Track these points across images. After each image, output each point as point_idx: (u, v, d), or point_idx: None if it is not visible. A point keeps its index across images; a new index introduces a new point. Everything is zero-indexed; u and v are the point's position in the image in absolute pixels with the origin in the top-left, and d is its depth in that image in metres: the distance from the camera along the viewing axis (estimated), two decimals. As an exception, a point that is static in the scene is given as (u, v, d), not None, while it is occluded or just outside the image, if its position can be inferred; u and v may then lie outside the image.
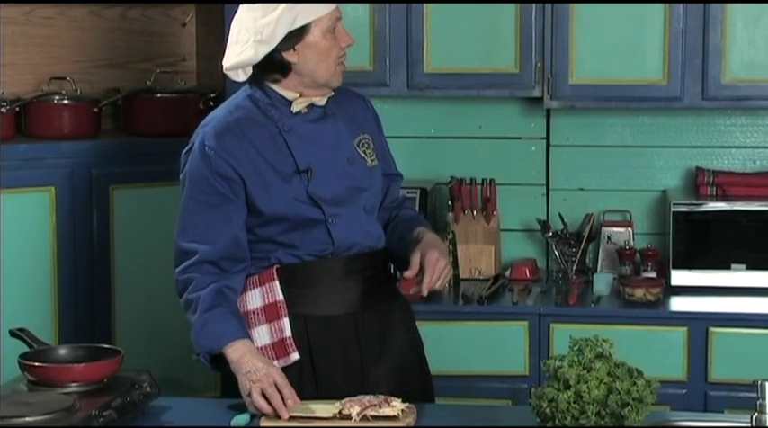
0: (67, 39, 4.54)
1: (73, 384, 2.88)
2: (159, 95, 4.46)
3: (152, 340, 4.30)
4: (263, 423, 2.85)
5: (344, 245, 3.17)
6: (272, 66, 3.15)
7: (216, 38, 4.50)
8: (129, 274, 4.26)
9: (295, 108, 3.18)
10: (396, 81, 4.51)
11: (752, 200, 4.42)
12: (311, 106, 3.20)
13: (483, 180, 4.70)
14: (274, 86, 3.19)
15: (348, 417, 2.83)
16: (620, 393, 2.56)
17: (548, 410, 2.60)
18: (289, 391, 2.93)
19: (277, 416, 2.89)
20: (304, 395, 2.99)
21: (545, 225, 4.64)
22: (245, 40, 3.14)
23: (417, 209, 4.40)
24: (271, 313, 3.15)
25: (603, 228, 4.68)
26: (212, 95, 4.48)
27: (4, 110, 4.18)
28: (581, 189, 4.77)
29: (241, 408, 2.99)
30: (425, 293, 3.10)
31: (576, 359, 2.64)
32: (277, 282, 3.17)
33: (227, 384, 4.41)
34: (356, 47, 4.64)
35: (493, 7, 4.42)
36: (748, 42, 4.35)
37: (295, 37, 3.11)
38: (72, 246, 4.15)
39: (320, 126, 3.21)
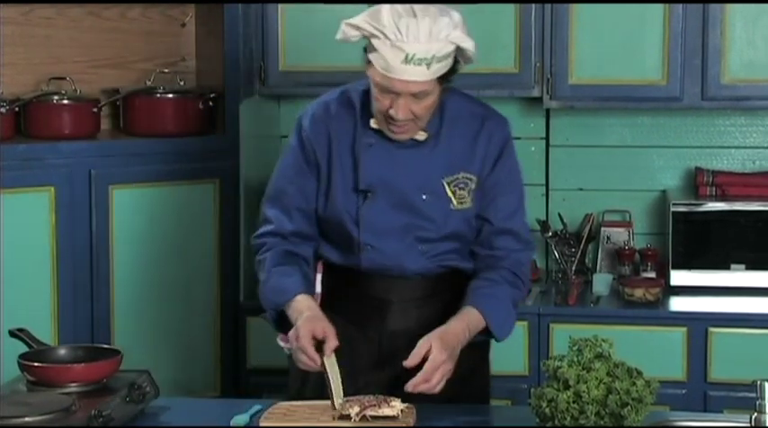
0: (67, 39, 4.54)
1: (72, 384, 2.88)
2: (159, 95, 4.45)
3: (151, 340, 4.30)
4: (263, 422, 2.85)
5: (374, 271, 3.12)
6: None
7: (215, 38, 4.50)
8: (129, 274, 4.26)
9: (372, 124, 3.05)
10: (395, 81, 4.50)
11: (751, 201, 4.42)
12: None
13: (482, 180, 4.70)
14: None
15: (348, 417, 2.82)
16: (619, 393, 2.56)
17: (547, 410, 2.60)
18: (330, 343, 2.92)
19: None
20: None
21: (544, 225, 4.64)
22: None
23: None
24: None
25: (603, 228, 4.69)
26: (212, 95, 4.48)
27: (3, 110, 4.18)
28: (580, 189, 4.77)
29: (241, 408, 2.99)
30: (410, 390, 2.89)
31: (575, 359, 2.64)
32: (320, 275, 3.21)
33: (226, 384, 4.44)
34: (355, 47, 4.67)
35: (492, 7, 4.42)
36: (748, 42, 4.35)
37: (368, 46, 2.97)
38: (71, 246, 4.15)
39: (408, 151, 3.06)
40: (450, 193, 3.09)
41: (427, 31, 2.90)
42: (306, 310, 3.01)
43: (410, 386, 2.88)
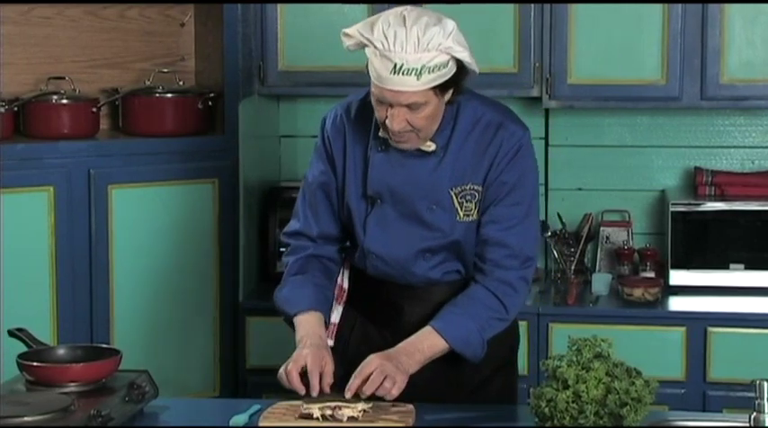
0: (66, 38, 4.54)
1: (71, 384, 2.88)
2: (158, 95, 4.45)
3: (150, 340, 4.29)
4: (262, 423, 2.85)
5: (376, 274, 3.15)
6: None
7: (214, 38, 4.50)
8: (128, 274, 4.26)
9: (381, 133, 3.01)
10: (394, 81, 4.51)
11: (750, 200, 4.42)
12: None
13: (481, 180, 4.70)
14: None
15: (310, 416, 2.83)
16: (618, 393, 2.56)
17: (546, 410, 2.60)
18: (314, 380, 2.93)
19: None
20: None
21: (544, 224, 4.64)
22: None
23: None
24: (338, 295, 3.22)
25: (602, 228, 4.69)
26: (211, 95, 4.48)
27: (2, 109, 4.18)
28: (579, 189, 4.78)
29: (240, 408, 2.99)
30: (348, 396, 2.89)
31: (574, 359, 2.64)
32: (347, 271, 3.24)
33: (225, 384, 4.44)
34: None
35: (491, 7, 4.42)
36: (746, 42, 4.35)
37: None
38: (70, 246, 4.15)
39: (417, 161, 3.03)
40: (456, 205, 3.05)
41: (415, 41, 2.86)
42: (306, 337, 3.03)
43: (347, 391, 2.89)
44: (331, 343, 3.14)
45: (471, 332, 3.02)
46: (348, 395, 2.89)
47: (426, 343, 3.00)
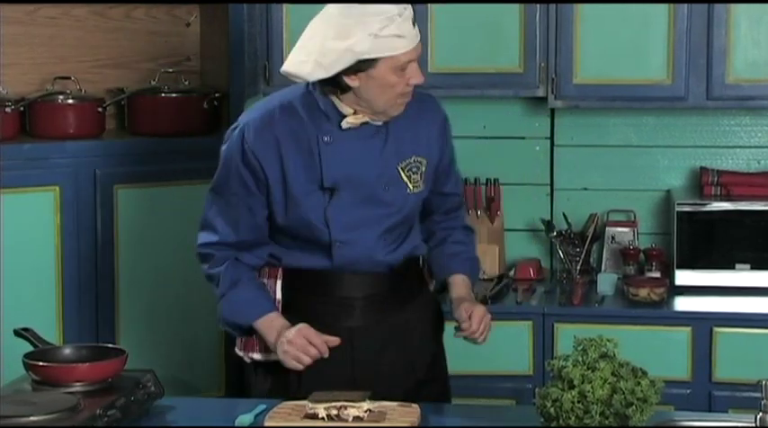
0: (71, 38, 4.54)
1: (77, 384, 2.88)
2: (163, 95, 4.45)
3: (156, 340, 4.30)
4: (267, 422, 2.85)
5: (345, 267, 3.18)
6: (330, 83, 3.08)
7: (220, 38, 4.50)
8: (134, 274, 4.26)
9: (345, 125, 3.12)
10: (400, 81, 4.51)
11: (756, 200, 4.41)
12: (365, 123, 3.14)
13: (487, 180, 4.70)
14: (332, 98, 3.12)
15: (315, 416, 2.84)
16: (624, 393, 2.56)
17: (552, 410, 2.60)
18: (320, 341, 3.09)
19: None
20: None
21: (549, 225, 4.64)
22: (309, 52, 3.05)
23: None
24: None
25: (607, 228, 4.68)
26: (216, 95, 4.48)
27: (8, 109, 4.19)
28: (585, 189, 4.77)
29: (245, 408, 2.99)
30: (463, 336, 3.24)
31: (580, 359, 2.64)
32: (280, 282, 3.22)
33: (230, 384, 4.44)
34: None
35: (497, 7, 4.42)
36: (752, 42, 4.35)
37: (362, 64, 3.02)
38: (76, 246, 4.15)
39: (365, 144, 3.14)
40: (405, 178, 3.18)
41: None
42: (283, 328, 3.12)
43: (467, 334, 3.22)
44: (259, 355, 3.22)
45: (477, 263, 3.46)
46: (475, 336, 3.24)
47: (468, 287, 3.35)
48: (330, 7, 3.09)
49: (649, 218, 4.75)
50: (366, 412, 2.83)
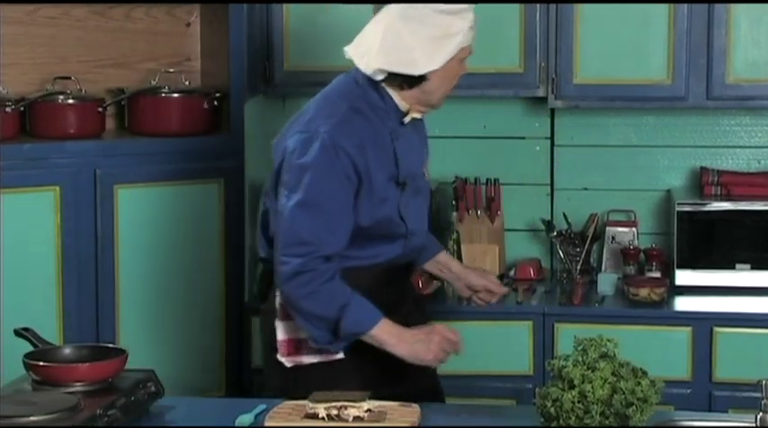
0: (72, 38, 4.54)
1: (77, 383, 2.88)
2: (164, 95, 4.45)
3: (156, 339, 4.30)
4: (268, 422, 2.85)
5: (409, 257, 3.37)
6: (407, 76, 3.20)
7: (220, 38, 4.50)
8: (134, 274, 4.26)
9: (407, 119, 3.27)
10: (400, 81, 4.51)
11: (756, 200, 4.42)
12: (414, 118, 3.32)
13: (487, 179, 4.70)
14: (392, 92, 3.23)
15: (315, 416, 2.84)
16: (624, 393, 2.56)
17: (552, 410, 2.60)
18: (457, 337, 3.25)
19: None
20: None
21: (549, 224, 4.64)
22: (408, 47, 3.17)
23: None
24: None
25: (608, 228, 4.68)
26: (217, 95, 4.48)
27: (8, 109, 4.18)
28: (585, 188, 4.77)
29: (245, 408, 2.99)
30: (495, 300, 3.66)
31: (580, 358, 2.64)
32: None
33: (231, 384, 4.44)
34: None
35: (497, 7, 4.42)
36: (753, 42, 4.35)
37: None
38: (76, 246, 4.15)
39: (415, 137, 3.34)
40: (425, 170, 3.43)
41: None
42: (404, 329, 3.20)
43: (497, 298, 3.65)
44: (341, 355, 3.23)
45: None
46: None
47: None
48: (416, 5, 3.19)
49: (649, 218, 4.75)
50: (366, 412, 2.84)
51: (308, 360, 3.24)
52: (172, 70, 4.58)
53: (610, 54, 4.41)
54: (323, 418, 2.83)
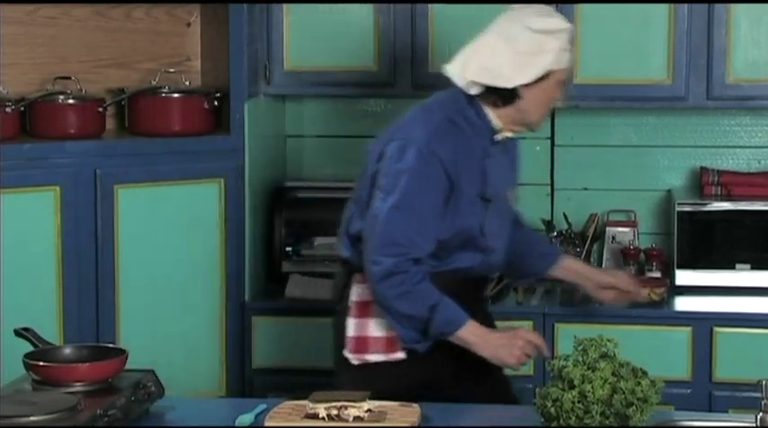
0: (72, 38, 4.54)
1: (77, 383, 2.88)
2: (164, 95, 4.45)
3: (156, 339, 4.30)
4: (268, 422, 2.85)
5: (483, 271, 3.43)
6: (498, 94, 3.29)
7: (221, 38, 4.50)
8: (134, 274, 4.26)
9: (499, 136, 3.36)
10: (400, 81, 4.52)
11: (756, 200, 4.42)
12: (507, 137, 3.40)
13: (487, 180, 4.70)
14: (488, 110, 3.32)
15: (316, 416, 2.84)
16: (624, 393, 2.56)
17: (552, 410, 2.60)
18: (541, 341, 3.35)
19: None
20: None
21: (549, 224, 4.64)
22: (499, 63, 3.27)
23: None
24: None
25: (608, 228, 4.68)
26: (217, 95, 4.48)
27: (8, 109, 4.18)
28: (585, 188, 4.77)
29: (246, 408, 2.99)
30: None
31: (580, 358, 2.64)
32: None
33: (231, 384, 4.44)
34: (361, 47, 4.66)
35: (497, 7, 4.40)
36: (753, 42, 4.35)
37: (543, 75, 3.30)
38: (76, 246, 4.15)
39: (505, 158, 3.42)
40: (512, 192, 3.52)
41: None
42: (489, 331, 3.32)
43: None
44: (402, 355, 3.32)
45: None
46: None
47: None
48: (513, 22, 3.34)
49: (649, 218, 4.75)
50: (366, 412, 2.84)
51: (373, 358, 3.33)
52: (172, 70, 4.58)
53: (610, 54, 4.41)
54: (323, 418, 2.83)
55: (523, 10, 3.38)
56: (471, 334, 3.26)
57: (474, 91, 3.30)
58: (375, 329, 3.33)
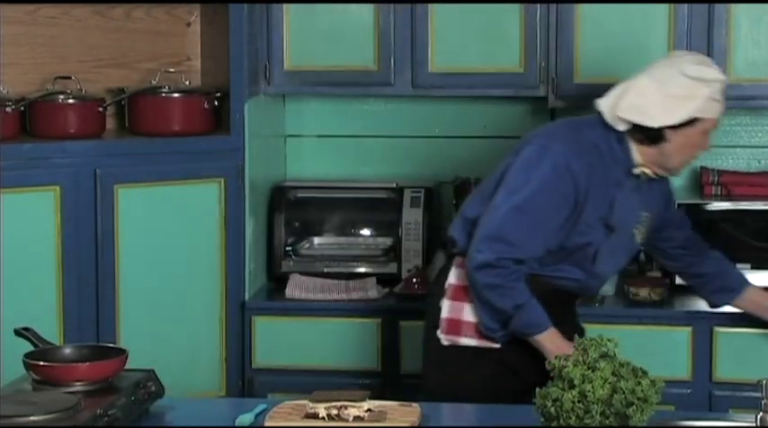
0: (72, 38, 4.54)
1: (78, 383, 2.89)
2: (164, 95, 4.45)
3: (157, 339, 4.30)
4: (268, 422, 2.85)
5: (577, 291, 3.53)
6: (646, 132, 3.36)
7: (221, 37, 4.50)
8: (134, 274, 4.26)
9: (636, 171, 3.43)
10: (400, 81, 4.51)
11: (756, 200, 4.42)
12: (645, 174, 3.46)
13: (487, 179, 4.70)
14: (632, 144, 3.40)
15: (315, 416, 2.84)
16: (624, 392, 2.56)
17: (552, 410, 2.60)
18: None
19: None
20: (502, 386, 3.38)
21: (549, 224, 4.63)
22: (651, 103, 3.35)
23: (422, 207, 4.47)
24: None
25: (608, 228, 4.67)
26: (217, 95, 4.48)
27: (8, 109, 4.18)
28: (585, 188, 4.77)
29: (246, 408, 2.99)
30: None
31: (580, 358, 2.64)
32: None
33: (231, 384, 4.44)
34: (361, 47, 4.66)
35: (497, 7, 4.42)
36: (753, 42, 4.35)
37: (689, 122, 3.38)
38: (76, 246, 4.15)
39: (635, 193, 3.47)
40: (636, 231, 3.54)
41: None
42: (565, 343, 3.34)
43: None
44: (473, 342, 3.44)
45: None
46: None
47: None
48: (669, 67, 3.40)
49: (650, 217, 4.74)
50: (366, 412, 2.84)
51: (465, 341, 3.45)
52: (172, 70, 4.58)
53: (610, 54, 4.41)
54: (323, 418, 2.83)
55: (682, 57, 3.49)
56: (549, 341, 3.36)
57: (621, 127, 3.40)
58: (469, 314, 3.43)
